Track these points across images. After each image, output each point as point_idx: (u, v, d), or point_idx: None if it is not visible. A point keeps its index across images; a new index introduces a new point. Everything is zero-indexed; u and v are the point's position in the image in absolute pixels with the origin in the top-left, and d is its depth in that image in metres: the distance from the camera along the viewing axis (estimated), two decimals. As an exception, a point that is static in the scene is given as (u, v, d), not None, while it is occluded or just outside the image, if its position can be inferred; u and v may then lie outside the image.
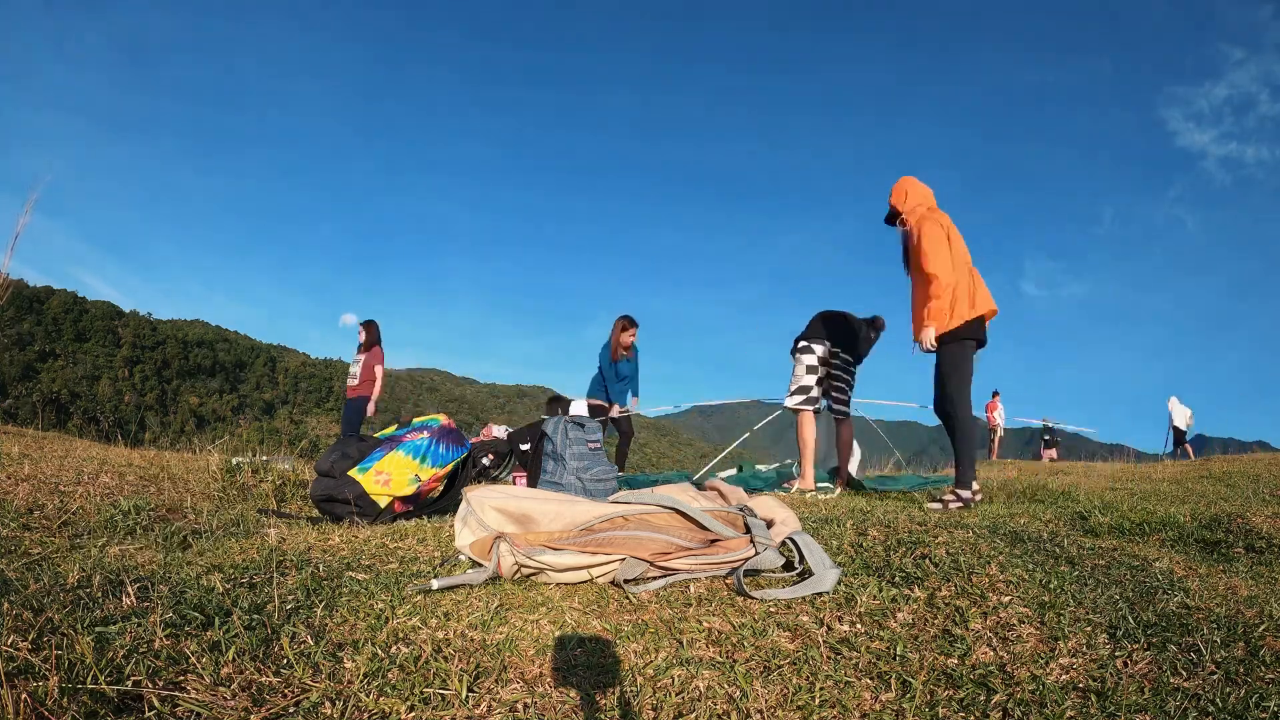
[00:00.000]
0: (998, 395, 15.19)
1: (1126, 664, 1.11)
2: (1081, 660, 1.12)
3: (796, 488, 4.06)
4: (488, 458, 4.30)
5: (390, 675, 1.02)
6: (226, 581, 1.39)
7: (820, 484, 4.34)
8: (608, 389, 6.11)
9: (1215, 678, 1.06)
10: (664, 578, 1.53)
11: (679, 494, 1.79)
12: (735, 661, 1.13)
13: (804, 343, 4.26)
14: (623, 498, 1.75)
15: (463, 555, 1.69)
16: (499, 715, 0.96)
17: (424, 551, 1.86)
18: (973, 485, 3.23)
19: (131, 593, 1.23)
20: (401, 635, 1.18)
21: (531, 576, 1.56)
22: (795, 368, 4.27)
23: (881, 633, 1.24)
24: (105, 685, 0.90)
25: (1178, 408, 13.98)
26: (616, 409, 6.06)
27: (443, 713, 0.95)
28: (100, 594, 1.24)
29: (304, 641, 1.11)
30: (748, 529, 1.66)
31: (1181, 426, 13.79)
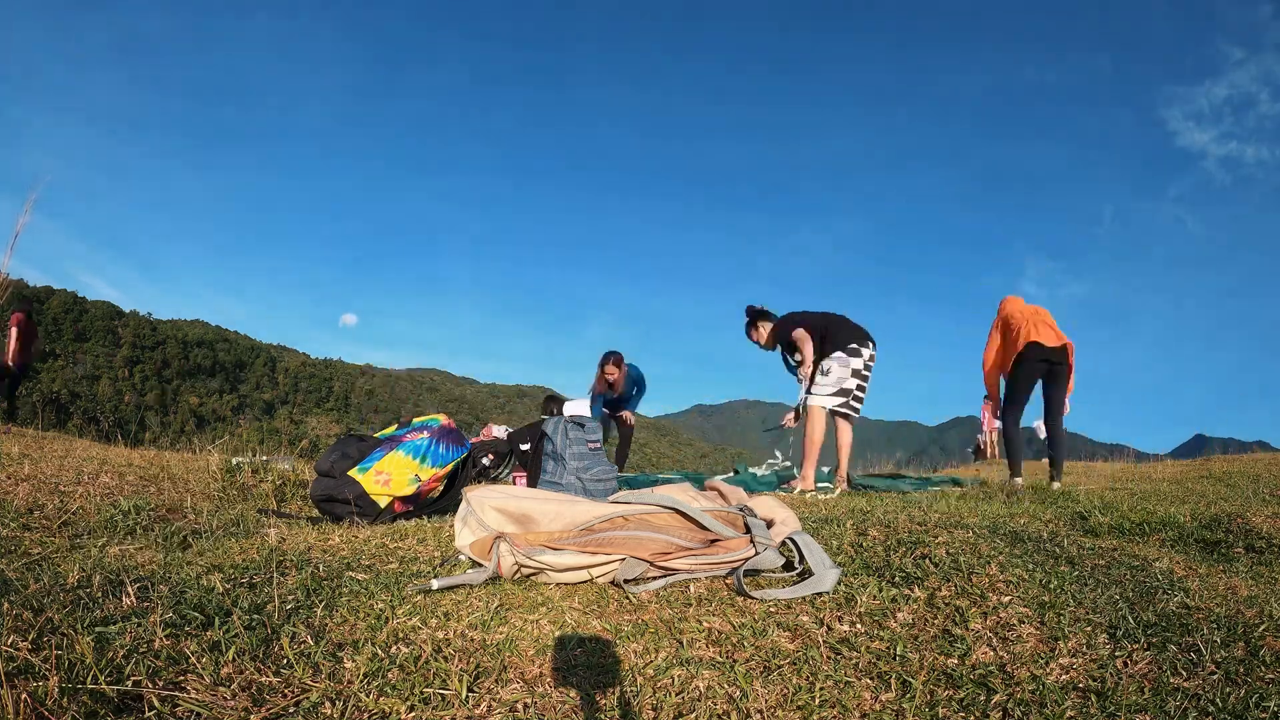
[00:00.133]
0: (996, 395, 14.98)
1: (1126, 664, 1.11)
2: (1081, 660, 1.12)
3: (798, 489, 4.06)
4: (488, 458, 4.30)
5: (390, 675, 1.02)
6: (226, 581, 1.39)
7: (820, 484, 4.35)
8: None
9: (1215, 678, 1.06)
10: (664, 578, 1.53)
11: (679, 494, 1.79)
12: (735, 661, 1.13)
13: (853, 345, 4.24)
14: (623, 498, 1.75)
15: (463, 555, 1.69)
16: (499, 715, 0.96)
17: (424, 551, 1.86)
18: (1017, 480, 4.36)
19: (131, 593, 1.22)
20: (401, 635, 1.17)
21: (531, 576, 1.56)
22: (836, 367, 4.20)
23: (881, 633, 1.24)
24: (105, 685, 0.90)
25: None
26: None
27: (443, 713, 0.95)
28: (100, 594, 1.24)
29: (304, 641, 1.11)
30: (748, 529, 1.66)
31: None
